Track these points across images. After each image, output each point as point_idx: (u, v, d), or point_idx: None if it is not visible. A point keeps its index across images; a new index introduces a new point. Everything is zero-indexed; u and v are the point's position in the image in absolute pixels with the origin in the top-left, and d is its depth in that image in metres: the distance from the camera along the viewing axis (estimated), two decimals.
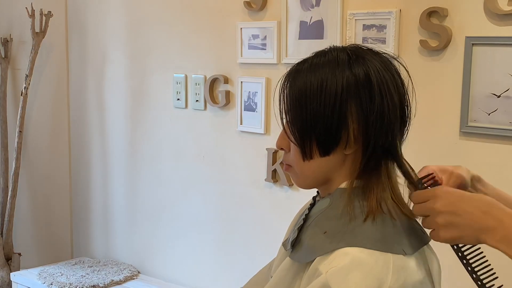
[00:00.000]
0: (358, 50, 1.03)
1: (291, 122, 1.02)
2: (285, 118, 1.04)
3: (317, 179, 1.05)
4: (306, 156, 1.02)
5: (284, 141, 1.06)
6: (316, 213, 1.06)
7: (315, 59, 1.02)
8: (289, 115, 1.02)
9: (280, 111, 1.04)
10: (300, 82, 1.01)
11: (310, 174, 1.04)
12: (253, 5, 2.31)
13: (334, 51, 1.03)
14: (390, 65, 1.03)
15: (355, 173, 1.02)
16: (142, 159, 2.83)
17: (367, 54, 1.02)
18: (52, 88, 3.13)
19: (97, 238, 3.10)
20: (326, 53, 1.03)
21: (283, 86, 1.04)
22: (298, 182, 1.09)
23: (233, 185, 2.50)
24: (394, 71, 1.03)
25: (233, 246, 2.53)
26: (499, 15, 1.77)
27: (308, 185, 1.08)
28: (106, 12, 2.89)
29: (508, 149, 1.80)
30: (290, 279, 1.03)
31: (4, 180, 3.08)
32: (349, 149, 1.00)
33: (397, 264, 0.95)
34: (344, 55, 1.01)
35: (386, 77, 1.00)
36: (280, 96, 1.04)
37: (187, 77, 2.58)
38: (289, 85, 1.03)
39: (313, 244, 1.00)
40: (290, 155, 1.05)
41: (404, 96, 1.03)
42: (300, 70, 1.02)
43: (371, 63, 1.00)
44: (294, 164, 1.05)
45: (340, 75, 0.99)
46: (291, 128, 1.02)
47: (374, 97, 0.98)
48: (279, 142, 1.07)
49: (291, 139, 1.03)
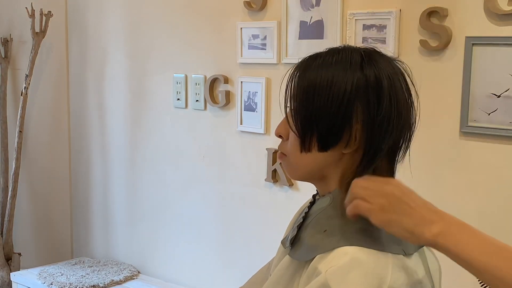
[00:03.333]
0: (372, 53, 1.03)
1: (295, 111, 1.02)
2: (289, 106, 1.04)
3: (310, 173, 1.05)
4: (304, 147, 1.02)
5: (284, 129, 1.06)
6: (316, 211, 1.06)
7: (328, 56, 1.03)
8: (294, 104, 1.03)
9: (285, 99, 1.04)
10: (311, 75, 1.01)
11: (304, 166, 1.04)
12: (253, 5, 2.31)
13: (348, 51, 1.03)
14: (401, 73, 1.04)
15: (354, 173, 1.02)
16: (142, 159, 2.83)
17: (380, 59, 1.02)
18: (52, 88, 3.13)
19: (97, 238, 3.10)
20: (339, 52, 1.03)
21: (292, 75, 1.04)
22: (290, 172, 1.09)
23: (233, 185, 2.50)
24: (404, 80, 1.03)
25: (233, 246, 2.53)
26: (499, 15, 1.77)
27: (299, 177, 1.08)
28: (106, 12, 2.89)
29: (508, 149, 1.80)
30: (289, 277, 1.03)
31: (4, 180, 3.08)
32: (349, 149, 1.01)
33: (396, 264, 0.95)
34: (358, 56, 1.01)
35: (397, 84, 1.01)
36: (288, 84, 1.04)
37: (187, 77, 2.58)
38: (299, 75, 1.03)
39: (312, 242, 1.00)
40: (288, 144, 1.06)
41: (412, 106, 1.04)
42: (311, 64, 1.03)
43: (383, 67, 1.01)
44: (290, 153, 1.06)
45: (351, 75, 0.99)
46: (294, 118, 1.02)
47: (382, 101, 0.98)
48: (278, 129, 1.07)
49: (292, 128, 1.03)
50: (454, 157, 1.89)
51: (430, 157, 1.93)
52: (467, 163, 1.87)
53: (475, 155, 1.86)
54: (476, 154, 1.86)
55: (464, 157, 1.87)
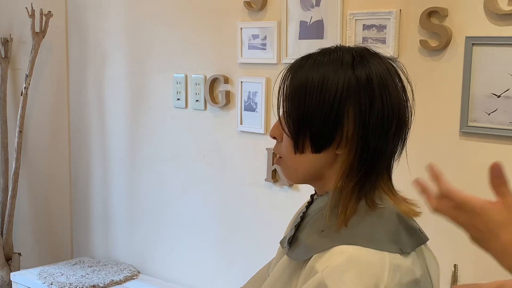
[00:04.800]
0: (364, 53, 1.03)
1: (287, 113, 1.03)
2: (282, 108, 1.04)
3: (307, 175, 1.05)
4: (298, 149, 1.02)
5: (278, 131, 1.07)
6: (314, 211, 1.06)
7: (320, 56, 1.03)
8: (286, 106, 1.03)
9: (277, 101, 1.04)
10: (302, 76, 1.01)
11: (300, 168, 1.05)
12: (253, 5, 2.31)
13: (340, 51, 1.03)
14: (394, 71, 1.03)
15: (343, 173, 1.01)
16: (142, 159, 2.83)
17: (371, 58, 1.02)
18: (52, 88, 3.13)
19: (97, 238, 3.10)
20: (331, 52, 1.03)
21: (284, 77, 1.04)
22: (287, 175, 1.09)
23: (233, 185, 2.50)
24: (397, 78, 1.03)
25: (233, 246, 2.53)
26: (499, 15, 1.77)
27: (298, 179, 1.08)
28: (106, 12, 2.89)
29: (508, 149, 1.80)
30: (287, 278, 1.03)
31: (4, 180, 3.08)
32: (340, 150, 1.01)
33: (393, 263, 0.95)
34: (349, 56, 1.01)
35: (389, 82, 1.00)
36: (280, 86, 1.04)
37: (187, 77, 2.58)
38: (290, 77, 1.03)
39: (310, 242, 1.00)
40: (282, 145, 1.06)
41: (406, 104, 1.03)
42: (303, 65, 1.02)
43: (375, 67, 1.00)
44: (284, 155, 1.06)
45: (342, 75, 0.99)
46: (287, 120, 1.03)
47: (374, 101, 0.98)
48: (272, 131, 1.08)
49: (285, 130, 1.04)
50: (454, 157, 1.89)
51: (430, 157, 1.92)
52: (467, 163, 1.87)
53: (475, 155, 1.86)
54: (476, 154, 1.85)
55: (464, 157, 1.87)
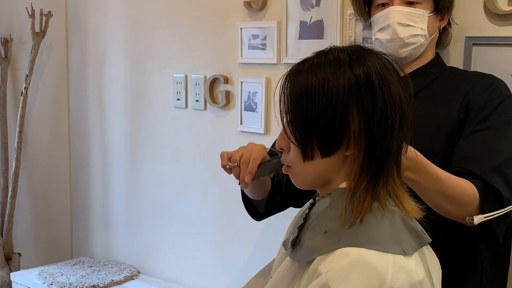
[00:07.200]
0: (359, 51, 1.02)
1: (291, 123, 1.02)
2: (285, 118, 1.03)
3: (317, 180, 1.05)
4: (306, 157, 1.02)
5: (284, 142, 1.06)
6: (317, 213, 1.05)
7: (316, 59, 1.02)
8: (289, 115, 1.02)
9: (280, 111, 1.03)
10: (301, 82, 1.00)
11: (310, 175, 1.04)
12: (253, 5, 2.31)
13: (335, 51, 1.02)
14: (391, 65, 1.03)
15: (355, 173, 1.01)
16: (142, 159, 2.83)
17: (368, 55, 1.02)
18: (52, 88, 3.13)
19: (97, 238, 3.10)
20: (326, 53, 1.02)
21: (283, 86, 1.03)
22: (297, 183, 1.08)
23: (233, 185, 2.49)
24: (394, 72, 1.02)
25: (233, 246, 2.53)
26: (499, 15, 1.77)
27: (308, 186, 1.07)
28: (106, 12, 2.89)
29: None
30: (290, 279, 1.03)
31: (4, 180, 3.08)
32: (350, 150, 1.00)
33: (396, 264, 0.95)
34: (345, 56, 1.01)
35: (388, 77, 1.00)
36: (281, 96, 1.03)
37: (187, 77, 2.58)
38: (289, 85, 1.02)
39: (313, 244, 1.00)
40: (290, 155, 1.05)
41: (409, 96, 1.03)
42: (300, 70, 1.02)
43: (372, 63, 1.00)
44: (293, 165, 1.05)
45: (342, 76, 0.98)
46: (292, 129, 1.02)
47: (376, 97, 0.98)
48: (278, 142, 1.07)
49: (291, 140, 1.03)
50: None
51: None
52: None
53: None
54: None
55: None
